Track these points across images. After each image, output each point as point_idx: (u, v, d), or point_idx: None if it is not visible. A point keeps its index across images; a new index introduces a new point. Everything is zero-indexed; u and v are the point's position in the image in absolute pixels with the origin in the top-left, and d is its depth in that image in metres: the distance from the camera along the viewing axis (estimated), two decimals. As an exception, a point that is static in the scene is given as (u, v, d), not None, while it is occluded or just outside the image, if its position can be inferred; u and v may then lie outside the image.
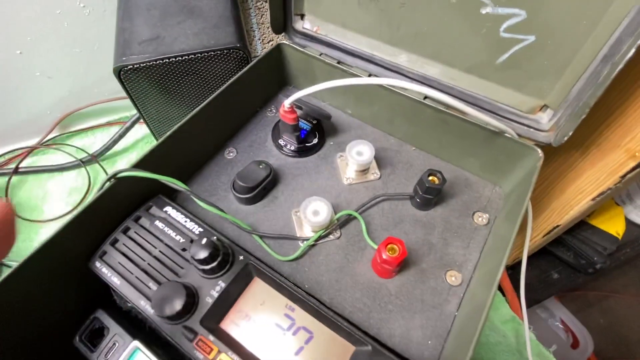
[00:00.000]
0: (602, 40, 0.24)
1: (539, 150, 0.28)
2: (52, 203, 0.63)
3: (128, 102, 0.64)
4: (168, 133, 0.30)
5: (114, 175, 0.26)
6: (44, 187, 0.65)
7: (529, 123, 0.30)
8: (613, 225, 0.56)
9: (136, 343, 0.26)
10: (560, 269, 0.59)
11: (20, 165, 0.65)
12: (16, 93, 0.59)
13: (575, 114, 0.25)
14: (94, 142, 0.70)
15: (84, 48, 0.58)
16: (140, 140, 0.70)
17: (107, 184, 0.27)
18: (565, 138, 0.26)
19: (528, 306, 0.42)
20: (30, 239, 0.59)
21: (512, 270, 0.57)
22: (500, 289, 0.54)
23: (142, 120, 0.63)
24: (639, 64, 0.28)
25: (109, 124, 0.72)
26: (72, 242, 0.27)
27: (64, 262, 0.26)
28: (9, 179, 0.63)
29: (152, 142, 0.69)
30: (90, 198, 0.27)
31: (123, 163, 0.67)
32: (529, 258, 0.38)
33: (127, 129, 0.65)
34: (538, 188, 0.40)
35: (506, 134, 0.29)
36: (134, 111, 0.61)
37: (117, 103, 0.69)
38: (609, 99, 0.30)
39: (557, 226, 0.40)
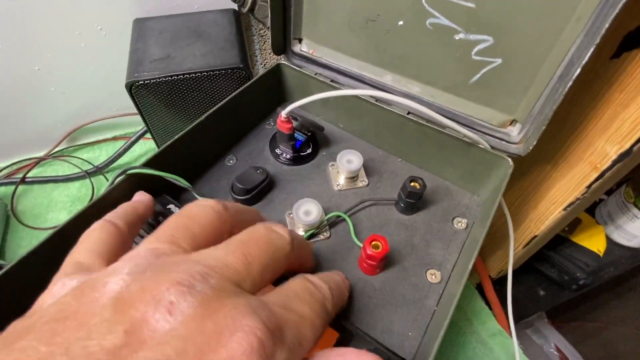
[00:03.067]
0: (557, 62, 0.27)
1: (509, 160, 0.31)
2: (55, 212, 0.65)
3: (134, 118, 0.69)
4: (175, 137, 0.33)
5: (124, 172, 0.29)
6: (49, 197, 0.67)
7: (501, 136, 0.33)
8: (595, 243, 0.58)
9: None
10: (546, 285, 0.61)
11: (28, 175, 0.67)
12: (31, 106, 0.63)
13: (538, 126, 0.29)
14: (99, 155, 0.73)
15: (98, 66, 0.62)
16: (144, 154, 0.74)
17: (119, 179, 0.29)
18: (530, 147, 0.29)
19: (516, 322, 0.44)
20: (32, 245, 0.61)
21: (500, 285, 0.59)
22: (487, 302, 0.55)
23: (146, 136, 0.66)
24: (595, 85, 0.32)
25: (115, 138, 0.75)
26: (79, 234, 0.29)
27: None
28: (16, 187, 0.66)
29: (156, 156, 0.72)
30: (99, 194, 0.29)
31: (126, 175, 0.70)
32: (515, 274, 0.40)
33: (132, 144, 0.68)
34: (516, 200, 0.43)
35: (480, 145, 0.32)
36: (139, 127, 0.65)
37: (123, 119, 0.72)
38: (572, 116, 0.34)
39: (535, 236, 0.42)
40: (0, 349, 0.12)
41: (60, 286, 0.16)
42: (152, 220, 0.31)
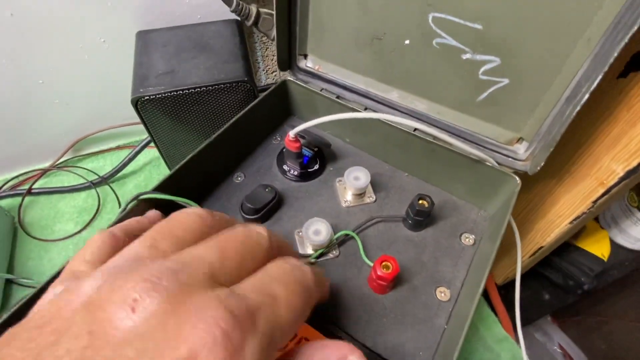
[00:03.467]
0: (565, 84, 0.28)
1: (517, 178, 0.32)
2: (62, 223, 0.66)
3: (138, 127, 0.68)
4: (184, 161, 0.33)
5: (136, 197, 0.29)
6: (55, 208, 0.68)
7: (508, 153, 0.33)
8: (599, 248, 0.58)
9: None
10: (551, 289, 0.62)
11: (33, 187, 0.68)
12: (35, 119, 0.63)
13: (546, 146, 0.29)
14: (104, 165, 0.73)
15: (101, 78, 0.62)
16: (149, 163, 0.74)
17: (130, 205, 0.30)
18: (538, 168, 0.30)
19: (521, 326, 0.45)
20: (40, 257, 0.61)
21: (505, 290, 0.60)
22: (492, 308, 0.56)
23: (151, 145, 0.67)
24: (601, 103, 0.32)
25: (119, 147, 0.75)
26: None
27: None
28: (22, 199, 0.66)
29: (160, 165, 0.72)
30: (114, 219, 0.30)
31: (132, 185, 0.71)
32: (521, 279, 0.40)
33: (137, 153, 0.68)
34: (522, 212, 0.44)
35: (487, 163, 0.33)
36: (144, 136, 0.65)
37: (127, 128, 0.72)
38: (578, 133, 0.34)
39: (541, 247, 0.42)
40: None
41: (49, 294, 0.17)
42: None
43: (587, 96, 0.25)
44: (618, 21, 0.24)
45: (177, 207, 0.32)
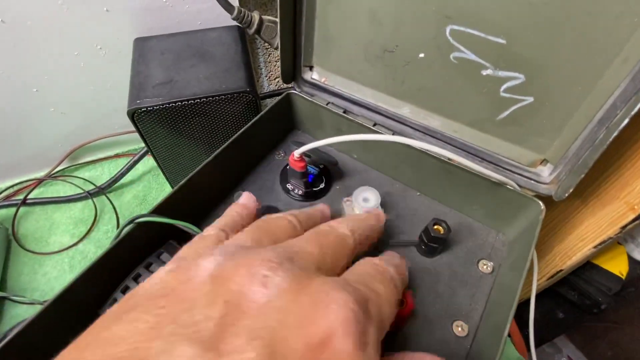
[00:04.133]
0: (597, 105, 0.25)
1: (540, 203, 0.29)
2: (57, 235, 0.64)
3: (136, 135, 0.66)
4: (182, 182, 0.31)
5: (132, 221, 0.27)
6: (51, 219, 0.65)
7: (530, 175, 0.31)
8: (617, 265, 0.56)
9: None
10: (566, 308, 0.59)
11: (29, 197, 0.65)
12: (30, 127, 0.61)
13: (575, 171, 0.26)
14: (102, 174, 0.71)
15: (97, 85, 0.60)
16: (148, 172, 0.72)
17: (125, 230, 0.27)
18: (567, 194, 0.27)
19: (535, 346, 0.42)
20: (35, 272, 0.59)
21: (519, 309, 0.57)
22: (505, 329, 0.54)
23: (150, 154, 0.65)
24: (633, 123, 0.29)
25: (117, 156, 0.73)
26: (85, 291, 0.27)
27: (75, 312, 0.27)
28: (17, 210, 0.64)
29: (160, 175, 0.70)
30: (108, 246, 0.27)
31: (130, 195, 0.69)
32: (535, 298, 0.38)
33: (135, 162, 0.66)
34: (541, 232, 0.41)
35: (508, 186, 0.30)
36: (142, 144, 0.63)
37: (126, 136, 0.70)
38: (607, 153, 0.31)
39: (561, 270, 0.40)
40: (111, 319, 0.13)
41: (159, 271, 0.17)
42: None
43: (626, 121, 0.22)
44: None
45: (171, 231, 0.30)
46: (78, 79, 0.57)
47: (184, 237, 0.32)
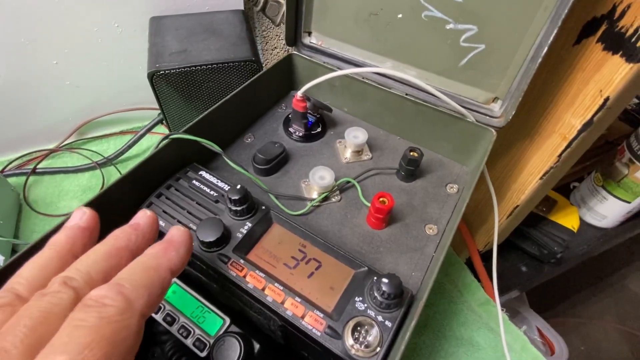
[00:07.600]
0: (529, 46, 0.33)
1: (492, 130, 0.37)
2: (66, 200, 0.68)
3: (141, 113, 0.73)
4: (207, 111, 0.37)
5: (167, 136, 0.33)
6: (60, 186, 0.70)
7: (486, 112, 0.39)
8: (569, 221, 0.65)
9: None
10: (527, 262, 0.67)
11: (38, 167, 0.70)
12: (45, 99, 0.66)
13: (513, 96, 0.35)
14: (107, 148, 0.76)
15: (112, 62, 0.66)
16: (151, 147, 0.77)
17: (162, 144, 0.34)
18: (509, 118, 0.35)
19: (501, 292, 0.50)
20: (45, 230, 0.63)
21: (486, 260, 0.65)
22: (476, 275, 0.61)
23: (153, 131, 0.71)
24: (561, 68, 0.38)
25: (122, 132, 0.79)
26: (124, 193, 0.33)
27: (115, 212, 0.32)
28: (27, 178, 0.68)
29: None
30: (146, 155, 0.33)
31: (135, 166, 0.74)
32: (499, 252, 0.46)
33: (140, 137, 0.72)
34: (500, 176, 0.49)
35: (467, 119, 0.38)
36: (146, 122, 0.69)
37: (131, 114, 0.76)
38: (544, 96, 0.40)
39: (517, 206, 0.48)
40: None
41: None
42: (189, 186, 0.35)
43: (545, 49, 0.30)
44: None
45: (195, 156, 0.36)
46: (94, 53, 0.63)
47: (206, 160, 0.38)
